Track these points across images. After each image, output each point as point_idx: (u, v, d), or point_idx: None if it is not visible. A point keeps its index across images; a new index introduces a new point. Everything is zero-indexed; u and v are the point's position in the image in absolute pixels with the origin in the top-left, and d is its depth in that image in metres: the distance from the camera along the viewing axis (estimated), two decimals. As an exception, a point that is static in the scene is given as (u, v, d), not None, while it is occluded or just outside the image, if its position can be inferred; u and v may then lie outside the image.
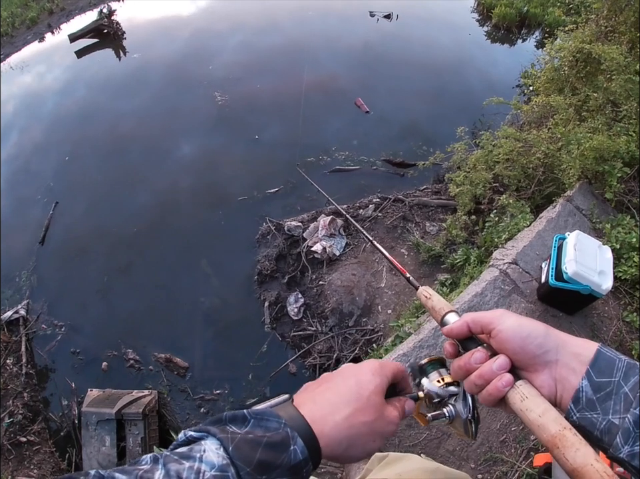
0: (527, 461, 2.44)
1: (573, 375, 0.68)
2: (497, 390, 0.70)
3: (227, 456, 0.57)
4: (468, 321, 0.77)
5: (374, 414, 0.70)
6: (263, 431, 0.61)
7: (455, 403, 0.80)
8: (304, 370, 4.24)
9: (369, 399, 0.70)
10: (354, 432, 0.67)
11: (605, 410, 0.64)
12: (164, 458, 0.58)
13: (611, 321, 3.05)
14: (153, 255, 5.13)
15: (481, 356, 0.74)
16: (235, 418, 0.63)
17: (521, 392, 0.69)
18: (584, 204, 3.62)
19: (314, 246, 4.71)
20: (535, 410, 0.66)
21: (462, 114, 6.15)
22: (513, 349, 0.71)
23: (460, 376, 0.78)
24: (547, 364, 0.70)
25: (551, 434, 0.63)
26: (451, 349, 0.81)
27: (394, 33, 8.58)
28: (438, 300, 0.88)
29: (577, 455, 0.60)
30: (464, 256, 4.08)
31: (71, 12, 10.60)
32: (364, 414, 0.69)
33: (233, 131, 6.44)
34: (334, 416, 0.67)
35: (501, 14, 8.48)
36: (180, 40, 8.50)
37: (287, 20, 9.00)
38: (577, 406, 0.66)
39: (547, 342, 0.70)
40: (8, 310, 4.73)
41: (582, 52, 4.00)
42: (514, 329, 0.71)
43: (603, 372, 0.66)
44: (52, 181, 6.04)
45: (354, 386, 0.71)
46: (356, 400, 0.69)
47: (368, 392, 0.71)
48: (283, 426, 0.62)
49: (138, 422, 3.83)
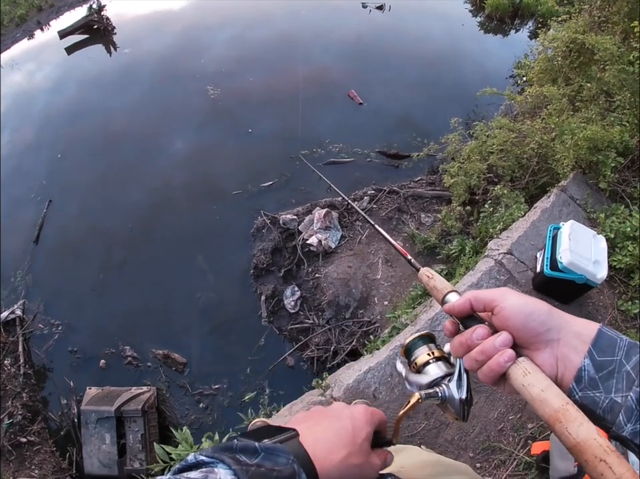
0: (524, 449, 2.46)
1: (575, 354, 0.68)
2: (498, 365, 0.70)
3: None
4: (470, 298, 0.76)
5: (363, 458, 0.74)
6: (273, 465, 0.63)
7: (448, 383, 0.80)
8: (302, 363, 4.26)
9: (361, 445, 0.74)
10: (347, 473, 0.71)
11: (607, 389, 0.65)
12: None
13: (606, 310, 3.07)
14: (148, 252, 5.13)
15: (484, 332, 0.74)
16: (246, 449, 0.64)
17: (524, 367, 0.69)
18: (578, 194, 3.63)
19: (309, 239, 4.71)
20: (537, 385, 0.66)
21: (456, 105, 6.15)
22: (516, 326, 0.71)
23: (460, 353, 0.77)
24: (549, 342, 0.70)
25: (554, 408, 0.63)
26: (451, 327, 0.81)
27: (387, 24, 8.56)
28: (440, 280, 0.88)
29: (581, 429, 0.60)
30: (459, 247, 4.09)
31: (60, 8, 10.50)
32: (356, 457, 0.72)
33: (226, 125, 6.42)
34: (332, 456, 0.70)
35: (495, 4, 8.46)
36: (171, 35, 8.44)
37: (279, 13, 8.93)
38: (580, 384, 0.67)
39: (549, 320, 0.70)
40: (4, 310, 4.72)
41: (575, 42, 3.99)
42: (517, 306, 0.71)
43: (605, 351, 0.66)
44: (45, 179, 6.01)
45: (350, 431, 0.75)
46: (352, 444, 0.73)
47: (361, 439, 0.75)
48: (291, 462, 0.64)
49: (138, 419, 3.84)
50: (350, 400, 2.52)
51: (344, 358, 4.03)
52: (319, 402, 2.60)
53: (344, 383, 2.65)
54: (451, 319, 0.82)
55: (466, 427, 2.53)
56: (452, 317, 0.82)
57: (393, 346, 2.81)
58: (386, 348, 2.85)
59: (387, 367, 2.68)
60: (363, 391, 2.60)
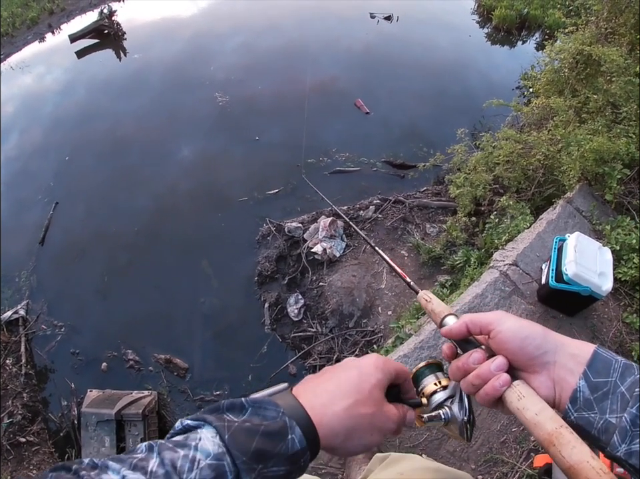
0: (527, 462, 2.44)
1: (571, 376, 0.68)
2: (494, 389, 0.71)
3: (223, 445, 0.57)
4: (467, 322, 0.77)
5: (374, 407, 0.70)
6: (261, 419, 0.61)
7: (451, 405, 0.81)
8: (304, 371, 4.23)
9: (370, 392, 0.71)
10: (353, 423, 0.67)
11: (602, 410, 0.65)
12: (159, 446, 0.58)
13: (611, 323, 3.05)
14: (153, 256, 5.13)
15: (480, 356, 0.75)
16: (232, 406, 0.63)
17: (518, 391, 0.70)
18: (584, 206, 3.62)
19: (314, 247, 4.71)
20: (531, 409, 0.67)
21: (462, 116, 6.16)
22: (512, 350, 0.72)
23: (457, 377, 0.78)
24: (545, 365, 0.71)
25: (548, 431, 0.64)
26: (449, 351, 0.83)
27: (395, 35, 8.58)
28: (437, 303, 0.89)
29: (574, 452, 0.61)
30: (464, 257, 4.08)
31: (72, 12, 10.59)
32: (364, 406, 0.69)
33: (234, 132, 6.44)
34: (333, 406, 0.67)
35: (502, 16, 8.48)
36: (181, 41, 8.49)
37: (288, 21, 9.00)
38: (575, 405, 0.67)
39: (545, 343, 0.71)
40: (7, 310, 4.73)
41: (582, 54, 3.99)
42: (513, 330, 0.72)
43: (600, 372, 0.67)
44: (52, 181, 6.04)
45: (356, 378, 0.72)
46: (357, 391, 0.70)
47: (369, 385, 0.71)
48: (281, 415, 0.62)
49: (138, 423, 3.82)
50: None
51: (347, 367, 4.00)
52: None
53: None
54: (449, 343, 0.84)
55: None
56: (450, 341, 0.83)
57: (396, 356, 2.80)
58: (390, 358, 2.83)
59: (390, 376, 2.66)
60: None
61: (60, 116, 7.23)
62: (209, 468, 0.55)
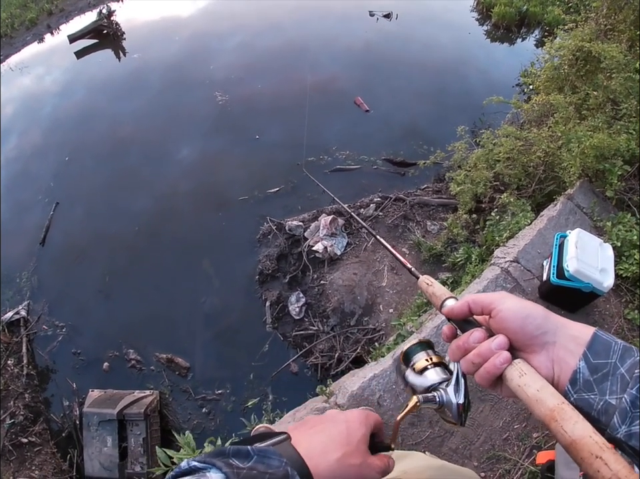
0: (529, 459, 2.44)
1: (571, 356, 0.68)
2: (495, 367, 0.71)
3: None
4: (469, 301, 0.77)
5: (361, 458, 0.74)
6: (265, 467, 0.63)
7: (446, 388, 0.81)
8: (305, 369, 4.24)
9: (357, 445, 0.75)
10: (344, 473, 0.71)
11: (602, 391, 0.65)
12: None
13: (613, 319, 3.05)
14: (154, 256, 5.14)
15: (480, 335, 0.75)
16: (238, 452, 0.65)
17: (520, 368, 0.70)
18: (585, 202, 3.61)
19: (315, 245, 4.71)
20: (533, 386, 0.67)
21: (462, 113, 6.16)
22: (513, 329, 0.72)
23: (457, 356, 0.78)
24: (545, 345, 0.71)
25: (550, 407, 0.64)
26: (449, 332, 0.83)
27: (394, 32, 8.58)
28: (438, 287, 0.89)
29: (576, 427, 0.61)
30: (465, 255, 4.08)
31: (70, 13, 10.61)
32: (352, 457, 0.73)
33: (234, 131, 6.44)
34: (327, 457, 0.71)
35: (501, 13, 8.48)
36: (180, 41, 8.51)
37: (287, 20, 9.00)
38: (575, 387, 0.67)
39: (546, 323, 0.71)
40: (9, 311, 4.74)
41: (582, 50, 3.99)
42: (514, 310, 0.73)
43: (600, 354, 0.67)
44: (53, 182, 6.05)
45: (345, 432, 0.76)
46: (347, 444, 0.74)
47: (356, 439, 0.76)
48: (284, 465, 0.64)
49: (140, 423, 3.83)
50: (355, 407, 2.51)
51: (349, 366, 4.01)
52: (323, 409, 2.59)
53: (348, 390, 2.64)
54: (449, 324, 0.83)
55: (471, 436, 2.51)
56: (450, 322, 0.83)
57: (398, 354, 2.80)
58: (391, 356, 2.83)
59: (392, 375, 2.66)
60: (368, 398, 2.59)
61: (59, 116, 7.25)
62: None
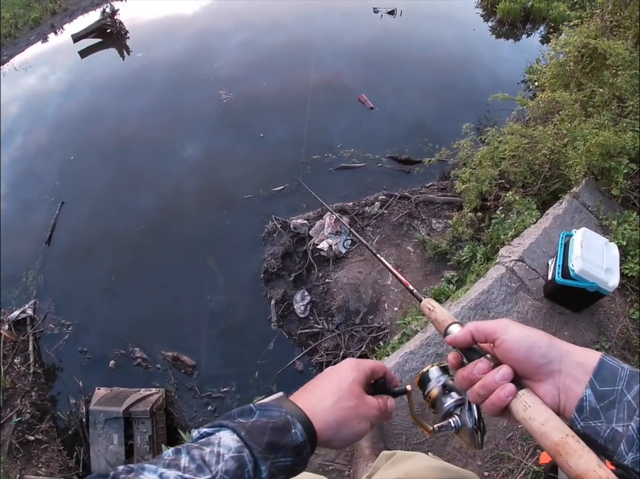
0: (533, 458, 2.44)
1: (577, 384, 0.69)
2: (499, 400, 0.72)
3: (240, 440, 0.67)
4: (471, 330, 0.78)
5: (355, 399, 0.81)
6: (268, 418, 0.71)
7: (461, 413, 0.82)
8: (310, 367, 4.25)
9: (350, 388, 0.81)
10: (341, 415, 0.78)
11: (608, 419, 0.65)
12: (186, 447, 0.66)
13: (618, 319, 3.04)
14: (159, 254, 5.15)
15: (485, 366, 0.76)
16: (242, 412, 0.72)
17: (524, 401, 0.70)
18: (590, 201, 3.60)
19: (320, 244, 4.71)
20: (537, 419, 0.68)
21: (467, 110, 6.13)
22: (517, 359, 0.73)
23: (464, 387, 0.79)
24: (551, 373, 0.71)
25: (554, 441, 0.64)
26: (454, 361, 0.83)
27: (398, 29, 8.55)
28: (441, 312, 0.90)
29: (580, 462, 0.61)
30: (470, 253, 4.07)
31: (74, 12, 10.61)
32: (346, 400, 0.79)
33: (238, 129, 6.44)
34: (322, 404, 0.78)
35: (506, 9, 8.42)
36: (184, 39, 8.49)
37: (291, 17, 8.98)
38: (581, 415, 0.68)
39: (550, 352, 0.72)
40: (15, 309, 4.76)
41: (587, 47, 3.96)
42: (518, 339, 0.73)
43: (606, 381, 0.67)
44: (58, 181, 6.07)
45: (336, 380, 0.83)
46: (339, 389, 0.81)
47: (347, 383, 0.82)
48: (284, 414, 0.72)
49: (146, 420, 3.85)
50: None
51: (353, 364, 4.01)
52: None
53: (352, 389, 2.63)
54: (454, 352, 0.84)
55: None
56: (455, 349, 0.84)
57: (403, 353, 2.80)
58: (396, 355, 2.84)
59: (397, 374, 2.67)
60: (372, 397, 2.58)
61: (64, 116, 7.25)
62: (232, 460, 0.64)
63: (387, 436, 2.47)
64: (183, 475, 0.61)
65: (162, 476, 0.60)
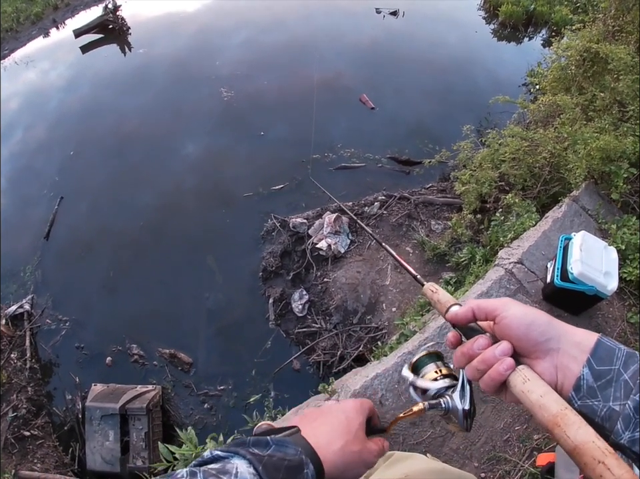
0: (530, 460, 2.44)
1: (574, 363, 0.69)
2: (498, 374, 0.72)
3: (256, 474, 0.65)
4: (473, 307, 0.79)
5: (360, 445, 0.82)
6: (283, 455, 0.69)
7: (452, 394, 0.82)
8: (308, 367, 4.25)
9: (356, 433, 0.83)
10: (347, 459, 0.79)
11: (605, 397, 0.66)
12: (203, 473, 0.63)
13: (616, 322, 3.04)
14: (158, 252, 5.15)
15: (485, 342, 0.76)
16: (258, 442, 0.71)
17: (523, 374, 0.70)
18: (590, 204, 3.60)
19: (319, 243, 4.71)
20: (536, 391, 0.68)
21: (468, 112, 6.14)
22: (517, 336, 0.73)
23: (462, 363, 0.79)
24: (549, 351, 0.71)
25: (553, 413, 0.65)
26: (453, 339, 0.84)
27: (400, 30, 8.57)
28: (443, 294, 0.91)
29: (579, 433, 0.61)
30: (469, 255, 4.08)
31: (76, 7, 10.62)
32: (353, 445, 0.81)
33: (239, 127, 6.44)
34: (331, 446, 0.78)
35: (508, 12, 8.45)
36: (186, 36, 8.49)
37: (293, 16, 8.98)
38: (579, 393, 0.68)
39: (549, 330, 0.72)
40: (12, 304, 4.75)
41: (589, 51, 3.97)
42: (518, 316, 0.74)
43: (604, 360, 0.68)
44: (57, 176, 6.06)
45: (344, 422, 0.83)
46: (347, 433, 0.82)
47: (355, 428, 0.83)
48: (299, 453, 0.71)
49: (142, 417, 3.85)
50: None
51: (351, 364, 4.02)
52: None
53: (350, 389, 2.64)
54: (453, 331, 0.85)
55: (472, 437, 2.52)
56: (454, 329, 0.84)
57: (401, 353, 2.80)
58: (394, 355, 2.83)
59: (394, 374, 2.67)
60: (370, 397, 2.59)
61: (64, 111, 7.25)
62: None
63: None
64: None
65: None
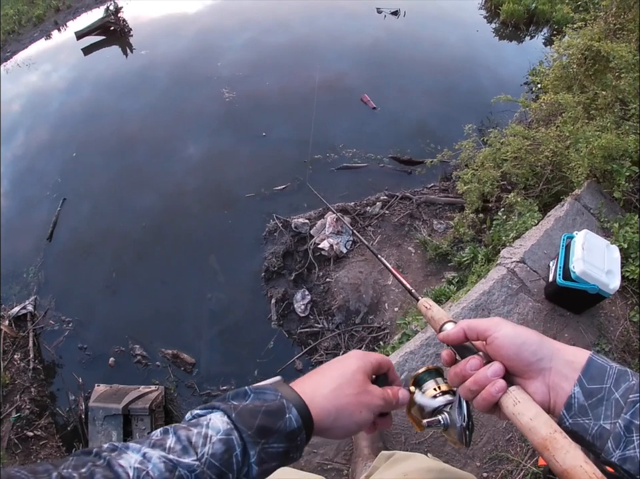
0: (532, 460, 2.43)
1: (566, 382, 0.70)
2: (490, 395, 0.73)
3: (230, 422, 0.65)
4: (464, 327, 0.80)
5: (358, 388, 0.78)
6: (262, 401, 0.69)
7: (450, 411, 0.83)
8: (310, 367, 4.24)
9: (353, 376, 0.79)
10: (341, 402, 0.75)
11: (596, 416, 0.67)
12: (174, 428, 0.66)
13: (618, 321, 3.04)
14: (161, 252, 5.15)
15: (477, 363, 0.77)
16: (237, 394, 0.71)
17: (514, 396, 0.71)
18: (592, 203, 3.60)
19: (321, 243, 4.71)
20: (526, 414, 0.69)
21: (470, 111, 6.13)
22: (508, 356, 0.74)
23: (456, 383, 0.81)
24: (541, 371, 0.72)
25: (542, 436, 0.65)
26: (448, 358, 0.85)
27: (401, 30, 8.55)
28: (437, 311, 0.92)
29: (567, 457, 0.62)
30: (472, 254, 4.07)
31: (77, 9, 10.63)
32: (348, 387, 0.77)
33: (241, 128, 6.43)
34: (321, 390, 0.76)
35: (509, 11, 8.42)
36: (188, 37, 8.49)
37: (295, 17, 8.98)
38: (570, 412, 0.69)
39: (541, 350, 0.73)
40: (16, 305, 4.77)
41: (591, 49, 3.96)
42: (510, 337, 0.74)
43: (595, 378, 0.68)
44: (60, 177, 6.08)
45: (339, 368, 0.81)
46: (341, 376, 0.79)
47: (351, 371, 0.80)
48: (279, 398, 0.70)
49: (145, 418, 3.85)
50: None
51: (353, 363, 4.01)
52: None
53: (352, 388, 2.63)
54: (448, 349, 0.86)
55: (474, 436, 2.51)
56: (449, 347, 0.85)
57: (403, 353, 2.80)
58: (396, 355, 2.83)
59: (396, 373, 2.66)
60: (371, 396, 2.58)
61: (66, 113, 7.26)
62: (220, 442, 0.63)
63: (386, 435, 2.47)
64: (167, 455, 0.60)
65: (145, 455, 0.60)
